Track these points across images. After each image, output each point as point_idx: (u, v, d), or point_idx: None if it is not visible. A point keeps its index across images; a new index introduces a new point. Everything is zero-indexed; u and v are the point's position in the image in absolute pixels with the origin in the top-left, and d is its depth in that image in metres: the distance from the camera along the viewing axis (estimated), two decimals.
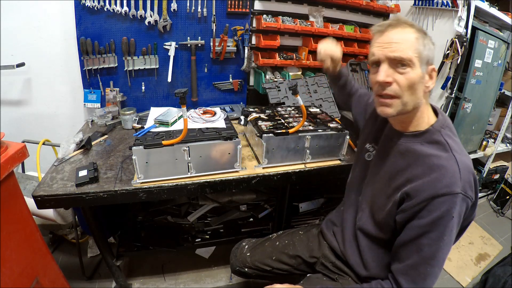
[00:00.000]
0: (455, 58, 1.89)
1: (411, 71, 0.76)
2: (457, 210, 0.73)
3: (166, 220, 1.85)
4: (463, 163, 0.75)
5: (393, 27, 0.78)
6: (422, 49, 0.76)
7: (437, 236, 0.75)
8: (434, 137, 0.81)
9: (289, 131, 1.26)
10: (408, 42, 0.76)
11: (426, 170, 0.77)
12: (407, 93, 0.78)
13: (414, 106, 0.81)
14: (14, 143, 1.00)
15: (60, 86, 1.81)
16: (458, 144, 0.81)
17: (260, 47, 1.89)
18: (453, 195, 0.72)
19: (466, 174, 0.74)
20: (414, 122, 0.85)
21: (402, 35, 0.77)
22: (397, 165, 0.86)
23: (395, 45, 0.76)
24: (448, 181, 0.73)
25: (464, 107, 2.09)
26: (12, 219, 1.00)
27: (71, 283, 1.38)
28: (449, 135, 0.82)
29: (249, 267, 1.21)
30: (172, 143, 1.11)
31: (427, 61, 0.78)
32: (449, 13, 1.89)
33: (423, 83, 0.79)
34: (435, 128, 0.82)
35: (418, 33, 0.77)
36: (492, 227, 2.47)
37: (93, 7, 1.60)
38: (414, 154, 0.82)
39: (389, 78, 0.77)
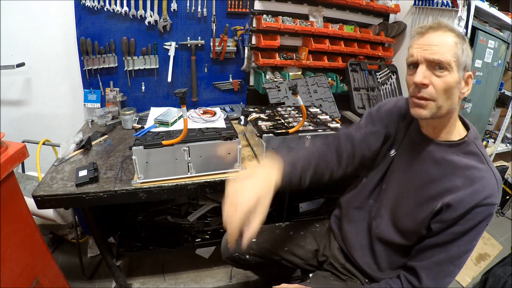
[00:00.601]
0: None
1: (448, 75, 0.76)
2: (490, 218, 0.78)
3: (166, 220, 1.84)
4: (498, 177, 0.80)
5: (434, 29, 0.78)
6: (461, 54, 0.76)
7: (469, 240, 0.79)
8: (470, 148, 0.82)
9: (289, 131, 1.26)
10: (448, 46, 0.76)
11: (467, 181, 0.79)
12: (443, 97, 0.77)
13: (448, 111, 0.80)
14: (14, 143, 1.00)
15: (60, 86, 1.81)
16: (488, 155, 0.84)
17: (260, 47, 1.89)
18: (492, 206, 0.76)
19: (500, 186, 0.79)
20: (446, 129, 0.85)
21: (442, 38, 0.76)
22: (430, 173, 0.85)
23: (435, 48, 0.76)
24: (489, 193, 0.76)
25: (464, 107, 2.09)
26: (12, 219, 1.00)
27: (71, 283, 1.38)
28: (482, 146, 0.84)
29: (253, 255, 1.16)
30: (172, 143, 1.11)
31: (464, 66, 0.78)
32: (449, 13, 1.89)
33: (459, 88, 0.79)
34: (470, 139, 0.83)
35: (457, 38, 0.77)
36: (492, 227, 2.47)
37: (93, 7, 1.60)
38: (452, 164, 0.82)
39: (426, 80, 0.77)
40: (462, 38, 0.78)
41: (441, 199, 0.81)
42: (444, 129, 0.85)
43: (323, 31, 1.93)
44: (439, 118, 0.82)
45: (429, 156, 0.86)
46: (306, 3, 1.96)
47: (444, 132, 0.85)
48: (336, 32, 1.97)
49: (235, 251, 1.17)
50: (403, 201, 0.90)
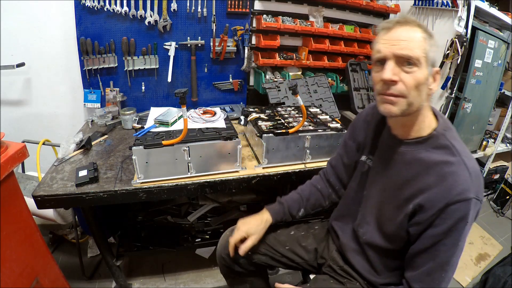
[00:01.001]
0: (455, 58, 1.88)
1: (418, 70, 0.74)
2: (471, 215, 0.73)
3: (166, 220, 1.85)
4: (473, 167, 0.75)
5: (402, 24, 0.76)
6: (429, 49, 0.75)
7: (452, 243, 0.75)
8: (439, 141, 0.79)
9: (289, 131, 1.26)
10: (417, 41, 0.74)
11: (438, 179, 0.75)
12: (414, 93, 0.75)
13: (417, 108, 0.78)
14: (14, 143, 1.00)
15: (60, 86, 1.81)
16: (463, 145, 0.79)
17: (260, 47, 1.89)
18: (467, 201, 0.72)
19: (476, 178, 0.74)
20: (416, 126, 0.82)
21: (410, 34, 0.75)
22: (403, 175, 0.83)
23: (404, 43, 0.74)
24: (461, 188, 0.72)
25: (464, 107, 2.09)
26: (12, 219, 1.00)
27: (71, 283, 1.38)
28: (454, 137, 0.80)
29: (254, 251, 1.14)
30: (172, 143, 1.11)
31: (432, 63, 0.77)
32: (449, 13, 1.89)
33: (427, 84, 0.77)
34: (438, 132, 0.80)
35: (425, 33, 0.76)
36: (492, 227, 2.47)
37: (93, 7, 1.60)
38: (422, 163, 0.79)
39: (395, 76, 0.74)
40: (429, 34, 0.76)
41: (413, 200, 0.78)
42: (413, 126, 0.82)
43: (323, 31, 1.93)
44: (408, 116, 0.80)
45: (401, 157, 0.85)
46: (306, 3, 1.96)
47: (414, 130, 0.82)
48: (336, 32, 1.97)
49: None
50: (385, 206, 0.89)
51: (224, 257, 1.16)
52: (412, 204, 0.78)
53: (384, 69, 0.75)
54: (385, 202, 0.89)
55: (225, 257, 1.15)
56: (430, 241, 0.77)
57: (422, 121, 0.81)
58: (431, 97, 0.81)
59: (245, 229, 1.08)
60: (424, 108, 0.80)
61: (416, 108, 0.78)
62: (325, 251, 1.14)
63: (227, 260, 1.15)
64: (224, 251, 1.16)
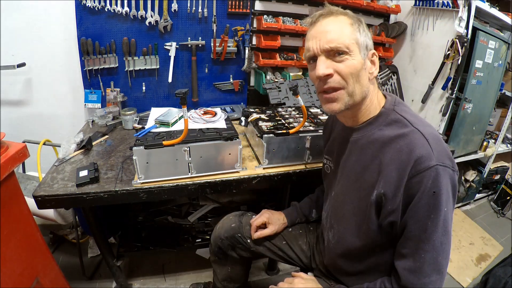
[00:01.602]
0: (455, 58, 1.88)
1: (350, 58, 0.73)
2: (442, 185, 0.66)
3: (167, 220, 1.85)
4: (430, 133, 0.70)
5: (325, 16, 0.76)
6: (359, 35, 0.75)
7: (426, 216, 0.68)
8: (390, 117, 0.77)
9: (289, 132, 1.25)
10: (343, 29, 0.74)
11: (394, 155, 0.71)
12: (351, 81, 0.74)
13: (361, 96, 0.77)
14: (15, 143, 1.00)
15: (61, 86, 1.81)
16: (416, 116, 0.76)
17: (261, 47, 1.89)
18: (429, 170, 0.66)
19: (435, 143, 0.69)
20: (365, 112, 0.80)
21: (335, 24, 0.75)
22: (361, 162, 0.80)
23: (330, 35, 0.73)
24: (419, 156, 0.67)
25: (464, 108, 2.09)
26: (13, 219, 1.00)
27: (71, 283, 1.38)
28: (404, 110, 0.78)
29: (255, 241, 1.17)
30: (172, 143, 1.11)
31: (366, 46, 0.76)
32: (449, 13, 1.89)
33: (366, 69, 0.76)
34: (387, 108, 0.79)
35: (352, 19, 0.76)
36: (493, 228, 2.47)
37: (94, 8, 1.60)
38: (376, 143, 0.76)
39: (329, 69, 0.74)
40: (357, 19, 0.76)
41: (375, 187, 0.73)
42: (362, 112, 0.81)
43: None
44: (358, 105, 0.78)
45: (355, 146, 0.82)
46: (306, 4, 1.96)
47: (363, 115, 0.81)
48: None
49: (239, 231, 1.18)
50: (347, 202, 0.86)
51: (223, 239, 1.18)
52: (374, 194, 0.74)
53: (317, 66, 0.75)
54: (347, 198, 0.86)
55: (224, 239, 1.18)
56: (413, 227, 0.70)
57: (370, 104, 0.80)
58: (375, 81, 0.80)
59: (268, 216, 1.16)
60: (370, 93, 0.79)
61: (360, 97, 0.77)
62: (315, 252, 1.15)
63: (224, 242, 1.18)
64: (224, 233, 1.19)
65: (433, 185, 0.66)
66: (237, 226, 1.19)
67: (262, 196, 2.01)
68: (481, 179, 2.67)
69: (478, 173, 2.67)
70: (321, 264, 1.09)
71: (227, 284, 1.27)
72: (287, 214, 1.22)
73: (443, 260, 0.73)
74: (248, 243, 1.17)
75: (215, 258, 1.26)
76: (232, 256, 1.20)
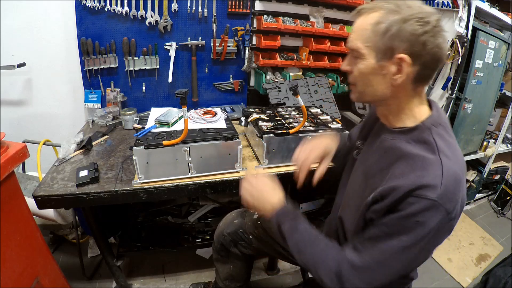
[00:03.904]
0: (455, 58, 1.88)
1: (360, 62, 0.72)
2: (429, 221, 0.64)
3: (167, 220, 1.85)
4: (449, 169, 0.65)
5: (357, 15, 0.74)
6: (380, 37, 0.67)
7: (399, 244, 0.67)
8: (422, 135, 0.72)
9: (289, 132, 1.25)
10: (361, 31, 0.71)
11: (406, 170, 0.68)
12: (360, 83, 0.76)
13: (376, 99, 0.76)
14: (15, 143, 1.00)
15: (61, 86, 1.81)
16: (450, 145, 0.71)
17: (261, 47, 1.89)
18: (425, 200, 0.63)
19: (449, 182, 0.64)
20: (396, 117, 0.78)
21: (360, 23, 0.72)
22: (379, 163, 0.78)
23: (351, 35, 0.74)
24: (424, 184, 0.64)
25: (464, 108, 2.09)
26: (13, 219, 1.00)
27: (71, 283, 1.38)
28: (441, 135, 0.72)
29: (256, 236, 1.17)
30: (172, 143, 1.11)
31: (389, 50, 0.67)
32: (449, 13, 1.89)
33: (381, 75, 0.71)
34: (425, 125, 0.73)
35: (384, 17, 0.67)
36: (493, 228, 2.47)
37: (94, 8, 1.60)
38: (398, 152, 0.73)
39: (348, 67, 0.77)
40: (394, 15, 0.66)
41: (377, 189, 0.72)
42: (392, 116, 0.78)
43: (323, 31, 1.93)
44: (381, 106, 0.79)
45: (382, 145, 0.80)
46: (306, 4, 1.96)
47: (395, 120, 0.78)
48: (336, 33, 1.97)
49: (241, 227, 1.17)
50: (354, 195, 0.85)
51: (225, 235, 1.19)
52: (374, 193, 0.72)
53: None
54: (356, 191, 0.85)
55: (227, 235, 1.19)
56: (374, 231, 0.70)
57: (402, 112, 0.76)
58: (404, 88, 0.72)
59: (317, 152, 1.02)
60: (397, 99, 0.75)
61: (373, 98, 0.77)
62: None
63: (227, 238, 1.19)
64: (226, 229, 1.20)
65: (420, 215, 0.64)
66: (240, 222, 1.20)
67: None
68: (481, 179, 2.67)
69: (478, 173, 2.67)
70: None
71: (229, 283, 1.27)
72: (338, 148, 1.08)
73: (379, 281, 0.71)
74: (250, 239, 1.17)
75: (218, 256, 1.26)
76: (234, 253, 1.20)
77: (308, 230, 0.83)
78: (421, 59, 0.67)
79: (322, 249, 0.79)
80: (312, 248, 0.80)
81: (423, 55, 0.67)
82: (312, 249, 0.80)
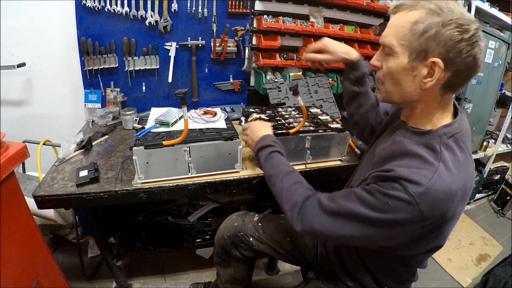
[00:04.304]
0: None
1: (391, 59, 0.71)
2: (397, 206, 0.64)
3: (167, 220, 1.85)
4: (442, 179, 0.64)
5: (396, 10, 0.72)
6: (417, 37, 0.66)
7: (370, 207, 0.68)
8: (431, 141, 0.71)
9: (289, 132, 1.25)
10: (397, 28, 0.69)
11: (404, 164, 0.69)
12: (388, 82, 0.75)
13: (402, 99, 0.75)
14: (15, 143, 1.00)
15: (61, 86, 1.81)
16: (456, 159, 0.69)
17: (261, 47, 1.89)
18: (404, 191, 0.63)
19: (435, 189, 0.63)
20: (415, 119, 0.78)
21: (398, 20, 0.70)
22: (385, 152, 0.78)
23: (386, 30, 0.73)
24: (416, 180, 0.63)
25: (464, 108, 2.09)
26: (13, 219, 1.00)
27: (71, 283, 1.38)
28: (450, 146, 0.69)
29: (257, 238, 1.17)
30: (172, 143, 1.11)
31: (423, 51, 0.66)
32: None
33: (412, 76, 0.70)
34: (438, 132, 0.72)
35: (424, 17, 0.65)
36: (493, 228, 2.47)
37: (94, 8, 1.60)
38: (403, 149, 0.73)
39: (377, 62, 0.77)
40: (435, 17, 0.64)
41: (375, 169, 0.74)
42: (412, 117, 0.79)
43: (323, 31, 1.93)
44: (407, 107, 0.79)
45: (394, 136, 0.81)
46: (306, 4, 1.96)
47: (413, 121, 0.79)
48: (336, 33, 1.97)
49: (242, 230, 1.18)
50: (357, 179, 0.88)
51: (226, 238, 1.19)
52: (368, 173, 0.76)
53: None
54: (361, 173, 0.88)
55: (227, 238, 1.19)
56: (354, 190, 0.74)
57: (423, 116, 0.76)
58: (432, 93, 0.71)
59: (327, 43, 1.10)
60: (421, 103, 0.74)
61: (399, 99, 0.76)
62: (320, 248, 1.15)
63: (227, 241, 1.19)
64: (227, 232, 1.20)
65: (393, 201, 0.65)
66: (240, 225, 1.20)
67: (262, 196, 2.01)
68: (481, 179, 2.67)
69: (478, 173, 2.67)
70: (322, 259, 1.10)
71: (230, 286, 1.27)
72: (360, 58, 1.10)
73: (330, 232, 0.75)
74: (251, 241, 1.17)
75: (219, 259, 1.26)
76: (235, 255, 1.20)
77: (282, 162, 0.93)
78: (454, 66, 0.66)
79: (292, 183, 0.86)
80: (282, 183, 0.88)
81: (456, 63, 0.65)
82: (282, 183, 0.88)
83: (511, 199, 2.65)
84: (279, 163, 0.94)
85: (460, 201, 0.67)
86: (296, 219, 0.79)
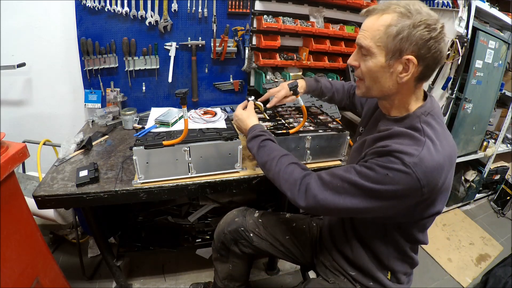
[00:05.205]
0: (455, 58, 1.88)
1: (370, 59, 0.78)
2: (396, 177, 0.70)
3: (167, 220, 1.85)
4: (430, 150, 0.71)
5: (368, 13, 0.80)
6: (392, 39, 0.73)
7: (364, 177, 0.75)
8: (412, 122, 0.79)
9: (289, 132, 1.25)
10: (373, 31, 0.76)
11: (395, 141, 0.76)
12: (368, 79, 0.82)
13: (382, 94, 0.83)
14: (15, 143, 1.00)
15: (61, 86, 1.81)
16: (436, 132, 0.77)
17: (261, 47, 1.89)
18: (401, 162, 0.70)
19: (427, 159, 0.70)
20: (394, 109, 0.86)
21: (372, 23, 0.77)
22: (374, 137, 0.85)
23: (361, 32, 0.79)
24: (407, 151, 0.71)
25: (464, 108, 2.09)
26: (13, 219, 1.00)
27: (71, 283, 1.38)
28: (428, 122, 0.78)
29: (257, 234, 1.18)
30: (172, 143, 1.11)
31: (398, 51, 0.74)
32: (449, 13, 1.89)
33: (389, 73, 0.78)
34: (415, 113, 0.81)
35: (396, 20, 0.73)
36: (493, 228, 2.47)
37: (94, 8, 1.60)
38: (391, 130, 0.81)
39: (355, 62, 0.83)
40: (405, 20, 0.72)
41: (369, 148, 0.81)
42: (392, 108, 0.87)
43: (323, 31, 1.93)
44: (385, 100, 0.86)
45: (378, 128, 0.89)
46: (306, 4, 1.96)
47: (393, 111, 0.87)
48: (336, 33, 1.97)
49: (242, 225, 1.18)
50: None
51: (226, 233, 1.19)
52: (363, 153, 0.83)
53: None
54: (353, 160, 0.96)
55: (227, 233, 1.19)
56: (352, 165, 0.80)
57: (400, 105, 0.85)
58: (408, 84, 0.80)
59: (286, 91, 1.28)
60: (399, 95, 0.83)
61: (379, 94, 0.83)
62: (319, 246, 1.15)
63: (227, 236, 1.19)
64: (227, 227, 1.20)
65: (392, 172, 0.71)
66: (241, 221, 1.20)
67: (262, 196, 2.01)
68: (481, 179, 2.67)
69: (478, 173, 2.67)
70: (324, 256, 1.10)
71: (228, 283, 1.27)
72: (309, 84, 1.33)
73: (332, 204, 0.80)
74: (251, 237, 1.17)
75: (217, 255, 1.26)
76: (234, 252, 1.20)
77: (275, 148, 0.98)
78: (425, 61, 0.75)
79: (288, 164, 0.91)
80: (278, 166, 0.92)
81: (427, 58, 0.74)
82: (278, 166, 0.92)
83: (511, 199, 2.65)
84: (272, 149, 0.98)
85: (449, 169, 0.77)
86: (298, 196, 0.84)
